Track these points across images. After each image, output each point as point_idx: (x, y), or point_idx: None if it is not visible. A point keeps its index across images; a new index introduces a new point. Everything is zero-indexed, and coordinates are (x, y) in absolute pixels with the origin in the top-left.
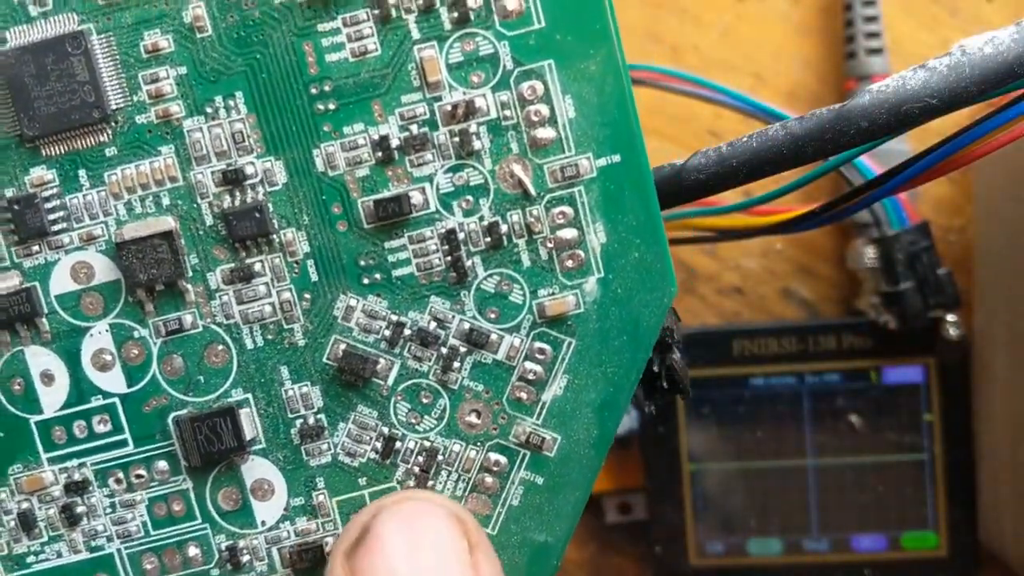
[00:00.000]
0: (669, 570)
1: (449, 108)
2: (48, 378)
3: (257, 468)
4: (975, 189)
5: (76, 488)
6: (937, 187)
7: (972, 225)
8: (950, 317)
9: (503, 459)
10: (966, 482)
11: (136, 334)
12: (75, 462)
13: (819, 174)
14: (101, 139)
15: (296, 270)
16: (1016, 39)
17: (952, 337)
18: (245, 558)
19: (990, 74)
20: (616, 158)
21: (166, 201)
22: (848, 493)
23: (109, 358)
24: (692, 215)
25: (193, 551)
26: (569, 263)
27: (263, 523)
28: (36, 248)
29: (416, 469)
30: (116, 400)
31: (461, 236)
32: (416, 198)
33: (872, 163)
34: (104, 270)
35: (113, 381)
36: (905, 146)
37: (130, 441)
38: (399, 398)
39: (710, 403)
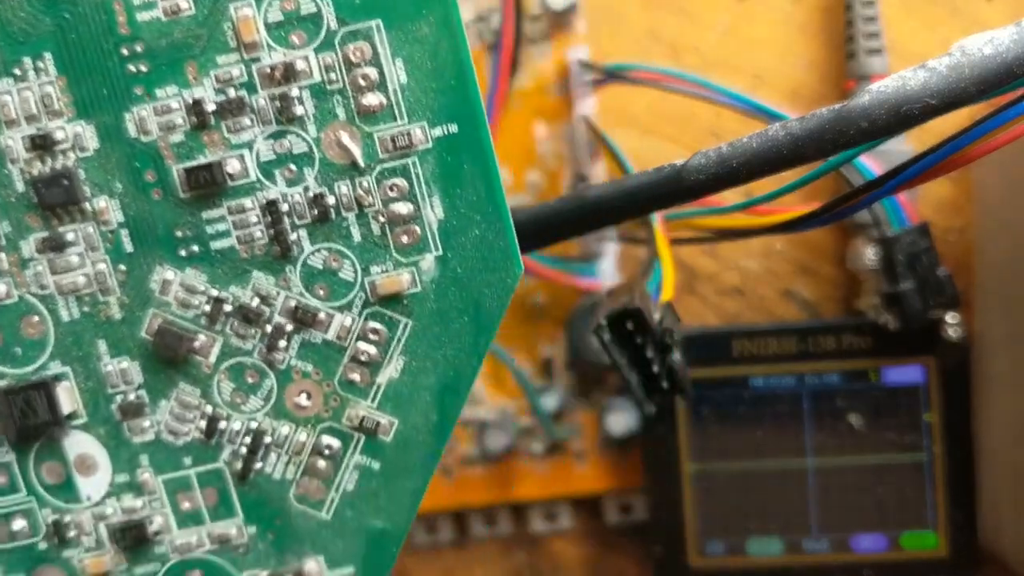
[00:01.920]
0: (669, 570)
1: (268, 70)
2: None
3: (80, 443)
4: (975, 189)
5: None
6: (937, 187)
7: (972, 225)
8: (950, 317)
9: (336, 443)
10: (966, 482)
11: None
12: None
13: (819, 174)
14: None
15: (110, 240)
16: (1016, 39)
17: (952, 337)
18: (71, 533)
19: (990, 74)
20: (453, 128)
21: None
22: (848, 493)
23: None
24: (692, 215)
25: (19, 524)
26: (404, 239)
27: (88, 498)
28: None
29: (243, 450)
30: None
31: (284, 207)
32: (233, 166)
33: (872, 163)
34: None
35: None
36: (905, 146)
37: None
38: (222, 377)
39: (710, 403)
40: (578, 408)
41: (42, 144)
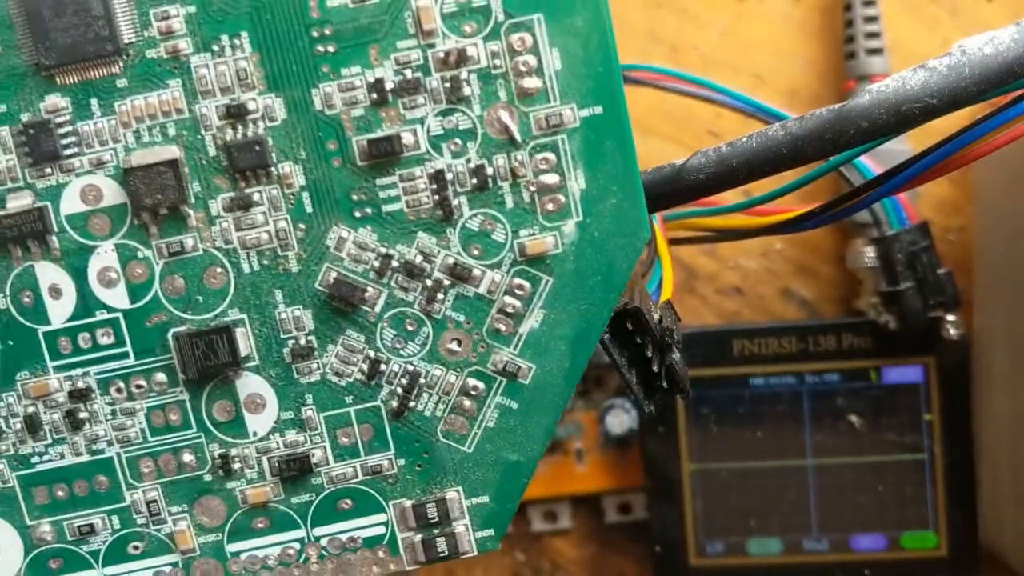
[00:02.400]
0: (669, 570)
1: (442, 55)
2: (56, 292)
3: (250, 383)
4: (975, 189)
5: (79, 395)
6: (937, 187)
7: (972, 225)
8: (950, 317)
9: (481, 384)
10: (966, 482)
11: (140, 254)
12: (79, 371)
13: (819, 174)
14: (113, 71)
15: (292, 201)
16: (1016, 39)
17: (952, 337)
18: (236, 465)
19: (990, 74)
20: (598, 109)
21: (172, 131)
22: (848, 493)
23: (114, 275)
24: (692, 215)
25: (188, 457)
26: (550, 206)
27: (254, 434)
28: (48, 171)
29: (399, 390)
30: (120, 315)
31: (449, 176)
32: (407, 139)
33: (872, 163)
34: (112, 194)
35: (117, 297)
36: (905, 146)
37: (131, 354)
38: (385, 324)
39: (710, 403)
40: (578, 408)
41: (236, 113)
